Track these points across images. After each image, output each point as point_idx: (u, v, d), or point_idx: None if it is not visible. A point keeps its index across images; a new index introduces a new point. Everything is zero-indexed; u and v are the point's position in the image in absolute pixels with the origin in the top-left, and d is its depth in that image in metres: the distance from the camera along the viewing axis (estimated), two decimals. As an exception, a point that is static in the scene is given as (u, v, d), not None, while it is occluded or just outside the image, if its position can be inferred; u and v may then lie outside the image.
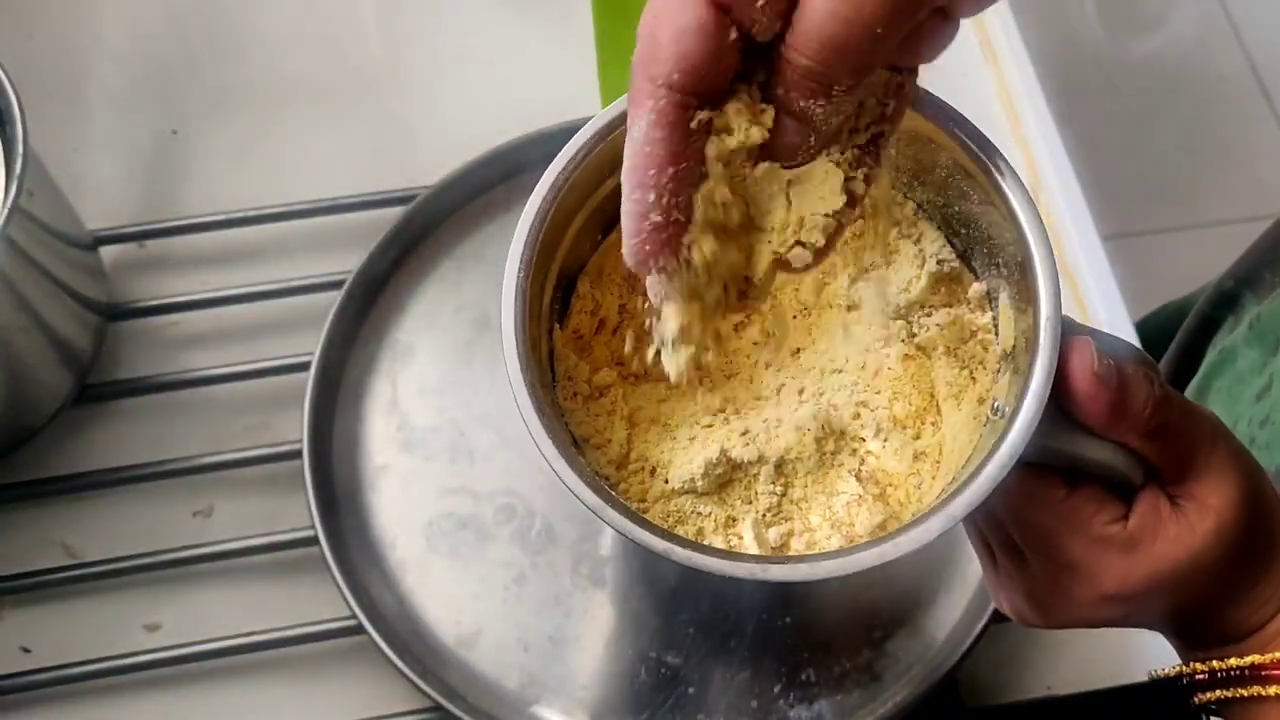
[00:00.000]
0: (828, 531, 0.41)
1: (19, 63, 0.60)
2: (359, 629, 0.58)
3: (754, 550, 0.40)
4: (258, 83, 0.78)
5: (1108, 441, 0.38)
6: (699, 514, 0.41)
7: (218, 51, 0.79)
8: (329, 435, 0.63)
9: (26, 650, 0.61)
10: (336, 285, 0.66)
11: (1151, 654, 0.62)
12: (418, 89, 0.78)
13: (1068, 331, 0.38)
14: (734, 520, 0.41)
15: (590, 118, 0.41)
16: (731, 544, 0.41)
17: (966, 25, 0.91)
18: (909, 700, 0.56)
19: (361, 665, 0.60)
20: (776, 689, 0.57)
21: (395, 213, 0.68)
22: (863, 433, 0.42)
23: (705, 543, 0.41)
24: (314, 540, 0.60)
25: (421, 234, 0.68)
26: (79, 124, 0.76)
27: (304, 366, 0.64)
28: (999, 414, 0.38)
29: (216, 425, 0.66)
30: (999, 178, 0.39)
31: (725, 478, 0.41)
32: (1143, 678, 0.57)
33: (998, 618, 0.58)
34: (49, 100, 0.76)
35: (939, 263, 0.43)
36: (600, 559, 0.60)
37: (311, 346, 0.64)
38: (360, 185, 0.71)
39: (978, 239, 0.42)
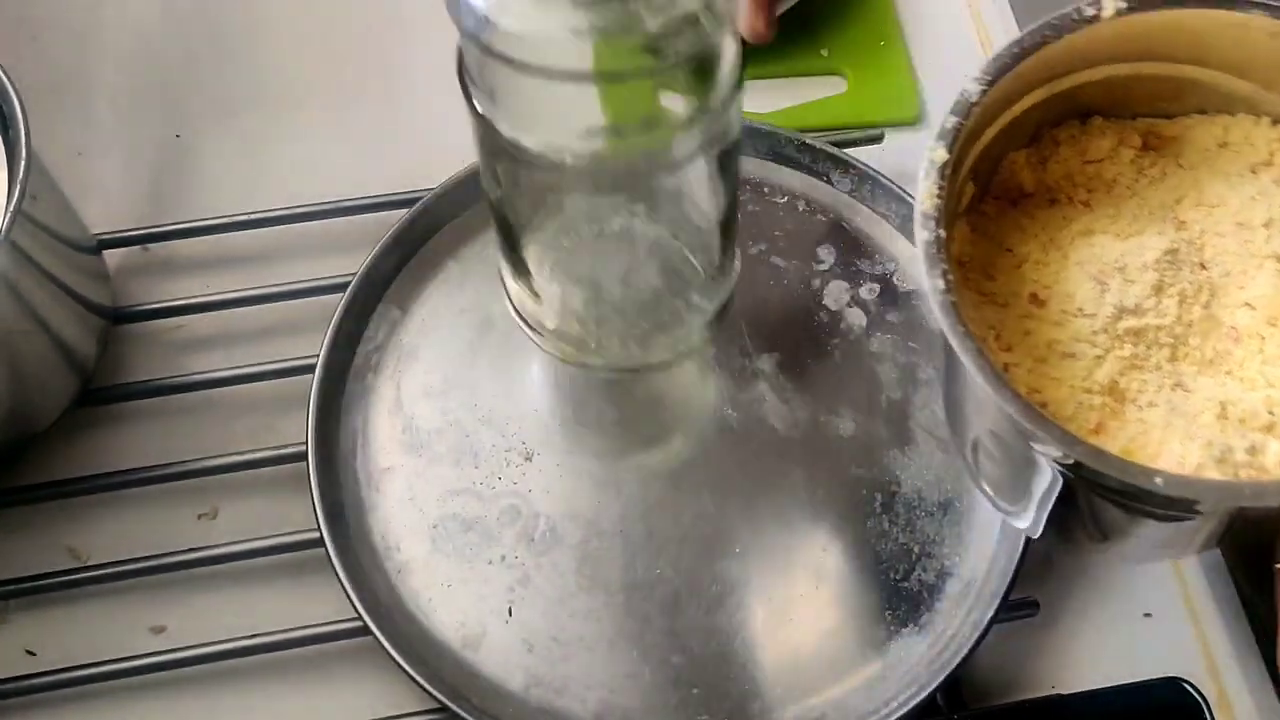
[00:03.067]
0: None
1: (22, 66, 0.60)
2: (364, 631, 0.58)
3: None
4: (261, 86, 0.78)
5: None
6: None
7: (221, 55, 0.79)
8: (333, 438, 0.63)
9: (31, 653, 0.61)
10: (340, 288, 0.66)
11: (1156, 653, 0.61)
12: (421, 91, 0.78)
13: None
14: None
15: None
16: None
17: (965, 23, 0.91)
18: (912, 700, 0.56)
19: (366, 667, 0.60)
20: (780, 690, 0.57)
21: (399, 215, 0.68)
22: None
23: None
24: (318, 542, 0.60)
25: (425, 236, 0.68)
26: (82, 127, 0.76)
27: (308, 369, 0.64)
28: None
29: (220, 428, 0.66)
30: None
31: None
32: (1147, 676, 0.57)
33: (1001, 617, 0.58)
34: (52, 104, 0.76)
35: None
36: (604, 559, 0.60)
37: (315, 349, 0.64)
38: (364, 188, 0.71)
39: None
